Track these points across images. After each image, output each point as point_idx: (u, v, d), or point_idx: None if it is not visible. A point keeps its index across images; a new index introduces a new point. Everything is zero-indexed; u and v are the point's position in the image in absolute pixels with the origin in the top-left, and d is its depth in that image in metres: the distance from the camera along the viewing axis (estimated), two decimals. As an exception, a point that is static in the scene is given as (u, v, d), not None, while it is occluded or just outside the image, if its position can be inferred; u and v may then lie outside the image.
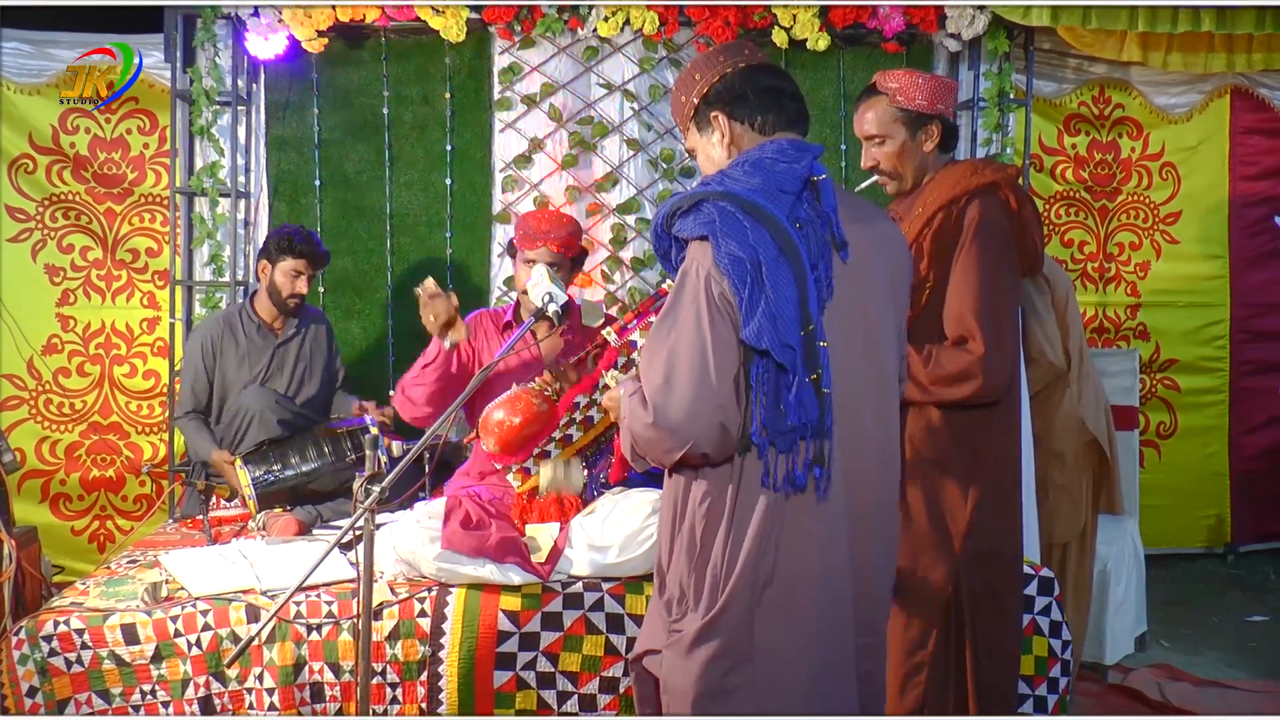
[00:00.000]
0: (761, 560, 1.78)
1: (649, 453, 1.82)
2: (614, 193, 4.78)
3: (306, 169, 4.55)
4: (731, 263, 1.73)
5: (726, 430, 1.74)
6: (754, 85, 1.92)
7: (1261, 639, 4.23)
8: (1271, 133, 5.14)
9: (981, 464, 2.41)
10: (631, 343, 2.91)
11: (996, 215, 2.39)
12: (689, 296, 1.76)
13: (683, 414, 1.72)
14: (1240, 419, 5.16)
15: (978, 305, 2.32)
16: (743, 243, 1.73)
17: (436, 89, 4.62)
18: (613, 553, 2.86)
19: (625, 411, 1.84)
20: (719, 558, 1.80)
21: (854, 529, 1.84)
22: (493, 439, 2.86)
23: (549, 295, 2.86)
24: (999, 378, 2.33)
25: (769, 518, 1.78)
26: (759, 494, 1.78)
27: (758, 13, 4.58)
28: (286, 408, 3.60)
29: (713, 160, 1.97)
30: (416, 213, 4.66)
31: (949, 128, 2.49)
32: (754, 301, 1.72)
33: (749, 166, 1.84)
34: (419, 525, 2.88)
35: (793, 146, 1.87)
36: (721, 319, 1.74)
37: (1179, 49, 4.65)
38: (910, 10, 4.56)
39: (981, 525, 2.40)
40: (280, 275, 3.76)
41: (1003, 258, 2.38)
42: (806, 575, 1.80)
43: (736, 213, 1.76)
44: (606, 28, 4.55)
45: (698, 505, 1.83)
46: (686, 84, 1.98)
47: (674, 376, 1.74)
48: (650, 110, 4.73)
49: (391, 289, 4.63)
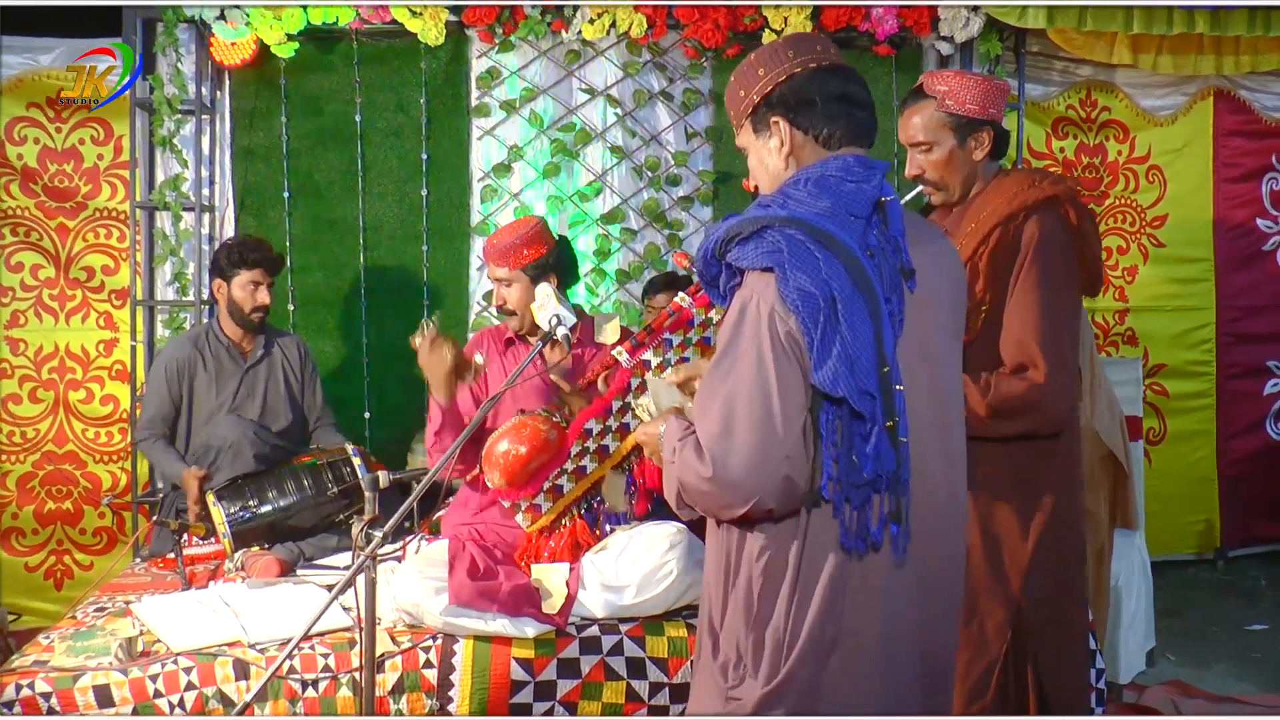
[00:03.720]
0: (828, 623, 1.62)
1: (704, 506, 1.65)
2: (597, 202, 4.61)
3: (275, 180, 4.32)
4: (802, 298, 1.55)
5: (794, 483, 1.57)
6: (824, 91, 1.72)
7: (1265, 649, 4.18)
8: (1252, 134, 5.10)
9: (1041, 498, 2.26)
10: (645, 362, 2.74)
11: (1057, 232, 2.24)
12: (749, 334, 1.58)
13: (745, 467, 1.55)
14: (1227, 423, 5.12)
15: (1040, 331, 2.17)
16: (814, 276, 1.56)
17: (411, 95, 4.41)
18: (630, 593, 2.69)
19: (674, 459, 1.67)
20: (781, 620, 1.63)
21: (922, 584, 1.69)
22: (498, 472, 2.67)
23: (556, 318, 2.65)
24: (1062, 408, 2.19)
25: (837, 577, 1.62)
26: (828, 552, 1.61)
27: (748, 15, 4.44)
28: (264, 439, 3.39)
29: (766, 168, 1.78)
30: (391, 225, 4.45)
31: (1000, 134, 2.33)
32: (828, 342, 1.54)
33: (814, 186, 1.65)
34: (421, 575, 2.67)
35: (860, 164, 1.69)
36: (788, 360, 1.56)
37: (1169, 51, 4.59)
38: (903, 13, 4.45)
39: (1042, 564, 2.26)
40: (239, 290, 3.57)
41: (1064, 278, 2.23)
42: (874, 637, 1.64)
43: (806, 241, 1.58)
44: (592, 30, 4.38)
45: (754, 561, 1.66)
46: (747, 78, 1.76)
47: (734, 424, 1.56)
48: (635, 116, 4.57)
49: (365, 305, 4.41)
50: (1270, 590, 4.86)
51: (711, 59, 4.58)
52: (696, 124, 4.64)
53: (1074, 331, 2.26)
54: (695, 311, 2.73)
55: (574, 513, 2.82)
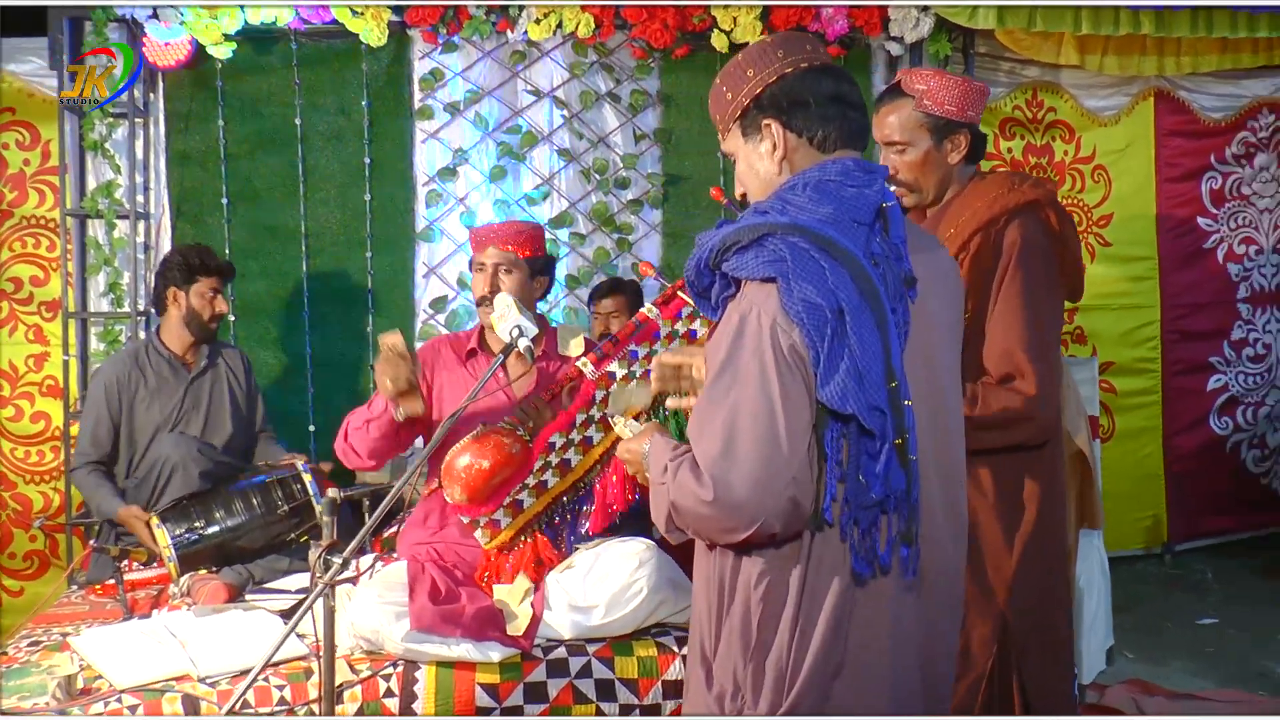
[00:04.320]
0: (833, 650, 1.55)
1: (701, 531, 1.57)
2: (545, 206, 4.52)
3: (212, 185, 4.17)
4: (807, 310, 1.47)
5: (799, 505, 1.49)
6: (817, 92, 1.64)
7: (1216, 644, 4.23)
8: (1192, 135, 5.17)
9: (1026, 508, 2.22)
10: (610, 375, 2.66)
11: (1039, 237, 2.20)
12: (750, 349, 1.50)
13: (748, 489, 1.47)
14: (1172, 419, 5.19)
15: (1026, 340, 2.12)
16: (820, 286, 1.48)
17: (352, 97, 4.28)
18: (598, 613, 2.61)
19: (665, 479, 1.58)
20: (784, 649, 1.56)
21: (924, 604, 1.63)
22: (459, 487, 2.56)
23: (518, 329, 2.53)
24: (1050, 419, 2.16)
25: (843, 603, 1.55)
26: (833, 576, 1.54)
27: (697, 15, 4.38)
28: (210, 456, 3.24)
29: (756, 173, 1.70)
30: (334, 231, 4.32)
31: (978, 137, 2.29)
32: (835, 356, 1.47)
33: (813, 191, 1.58)
34: (380, 600, 2.55)
35: (859, 168, 1.62)
36: (792, 376, 1.48)
37: (1114, 51, 4.65)
38: (854, 13, 4.42)
39: (1027, 574, 2.22)
40: (197, 299, 3.45)
41: (1048, 285, 2.19)
42: (881, 655, 1.58)
43: (811, 250, 1.50)
44: (538, 30, 4.28)
45: (751, 588, 1.58)
46: (735, 79, 1.68)
47: (736, 444, 1.48)
48: (581, 118, 4.49)
49: (308, 314, 4.28)
50: (1217, 584, 4.92)
51: (659, 60, 4.52)
52: (645, 125, 4.57)
53: (1058, 339, 2.23)
54: (661, 323, 2.66)
55: (535, 528, 2.74)
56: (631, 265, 4.56)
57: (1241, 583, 4.89)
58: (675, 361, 1.87)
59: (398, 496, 2.26)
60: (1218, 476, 5.22)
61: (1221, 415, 5.22)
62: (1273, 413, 5.26)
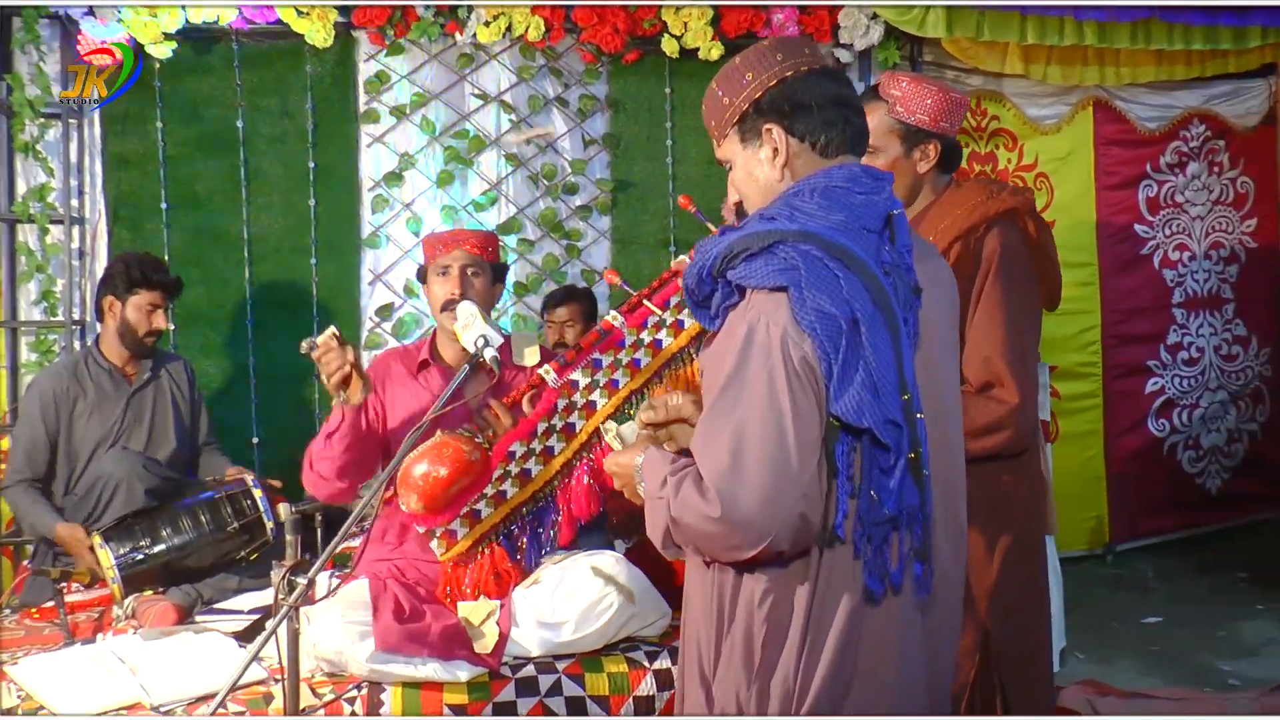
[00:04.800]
0: (843, 669, 1.51)
1: (704, 548, 1.52)
2: (492, 212, 4.45)
3: (151, 189, 4.03)
4: (821, 320, 1.43)
5: (808, 522, 1.45)
6: (819, 95, 1.60)
7: (1162, 642, 4.30)
8: (1129, 144, 5.28)
9: (1006, 518, 2.22)
10: (572, 383, 2.60)
11: (1018, 246, 2.20)
12: (759, 360, 1.45)
13: (757, 505, 1.42)
14: (1113, 422, 5.28)
15: (1006, 349, 2.12)
16: (835, 296, 1.44)
17: (296, 100, 4.17)
18: (568, 629, 2.54)
19: (663, 494, 1.53)
20: (791, 670, 1.51)
21: (928, 618, 1.61)
22: (415, 495, 2.46)
23: (483, 339, 2.43)
24: (1029, 427, 2.16)
25: (853, 621, 1.51)
26: (842, 595, 1.50)
27: (648, 19, 4.35)
28: (155, 473, 3.10)
29: (755, 180, 1.64)
30: (277, 237, 4.21)
31: (950, 148, 2.28)
32: (850, 368, 1.43)
33: (822, 198, 1.53)
34: (343, 620, 2.45)
35: (867, 174, 1.58)
36: (802, 388, 1.44)
37: (1057, 61, 4.72)
38: (804, 20, 4.43)
39: (1008, 584, 2.22)
40: (134, 311, 3.30)
41: (1026, 294, 2.20)
42: (891, 670, 1.55)
43: (825, 258, 1.46)
44: (487, 33, 4.22)
45: (754, 607, 1.53)
46: (732, 84, 1.63)
47: (744, 459, 1.43)
48: (530, 122, 4.44)
49: (252, 323, 4.16)
50: (1158, 582, 5.03)
51: (608, 64, 4.48)
52: (594, 131, 4.54)
53: (1036, 348, 2.23)
54: (626, 331, 2.60)
55: (492, 539, 2.66)
56: (581, 272, 4.52)
57: (1181, 581, 4.99)
58: (661, 420, 1.79)
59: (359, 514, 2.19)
60: (1156, 477, 5.33)
61: (1159, 418, 5.33)
62: (1206, 414, 5.39)
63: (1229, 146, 5.38)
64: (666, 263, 4.67)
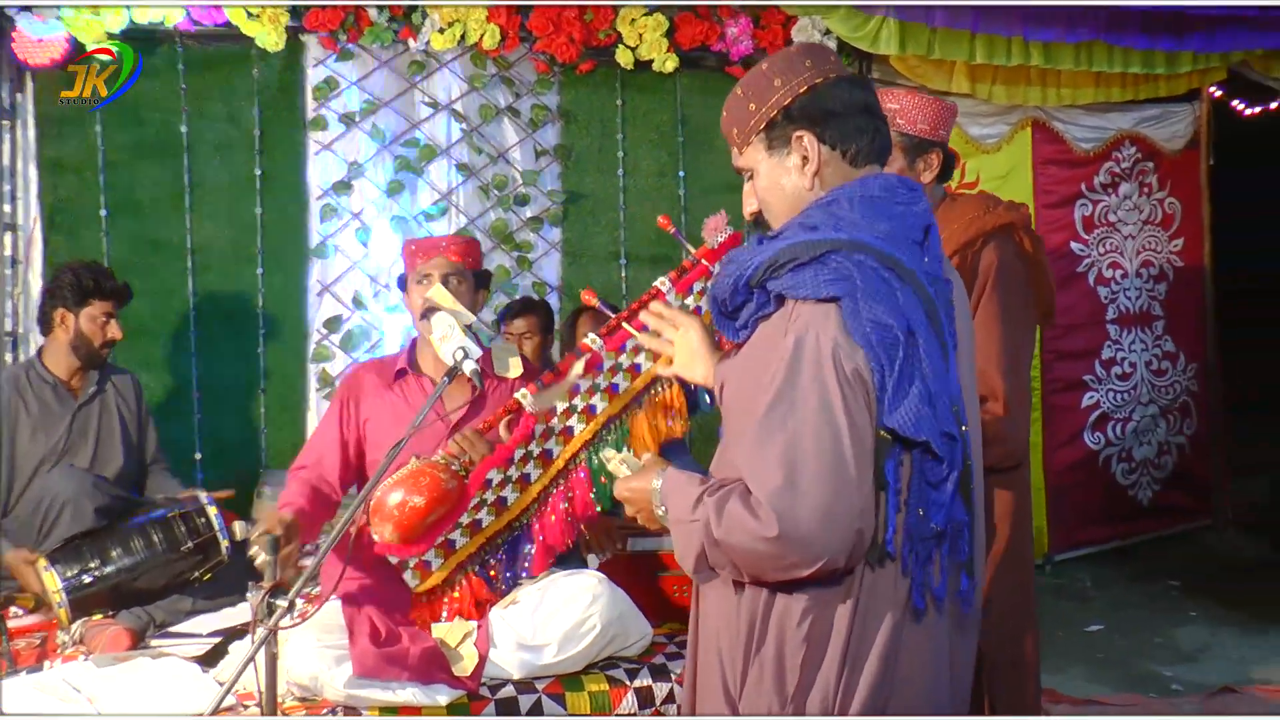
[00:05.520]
0: (882, 686, 1.49)
1: (754, 568, 1.47)
2: (442, 222, 4.38)
3: (89, 196, 3.89)
4: (877, 331, 1.41)
5: (864, 537, 1.42)
6: (850, 103, 1.57)
7: (1106, 649, 4.39)
8: (1065, 163, 5.41)
9: (998, 531, 2.24)
10: (550, 408, 2.53)
11: (1014, 260, 2.23)
12: (809, 372, 1.42)
13: (817, 522, 1.38)
14: (1051, 435, 5.39)
15: (1001, 362, 2.14)
16: (891, 307, 1.42)
17: (242, 105, 4.06)
18: (550, 650, 2.48)
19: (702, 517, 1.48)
20: (831, 689, 1.48)
21: (953, 634, 1.59)
22: (390, 526, 2.37)
23: (462, 350, 2.37)
24: (1023, 441, 2.18)
25: (894, 638, 1.48)
26: (886, 612, 1.48)
27: (603, 29, 4.32)
28: (104, 491, 2.95)
29: (782, 188, 1.60)
30: (222, 246, 4.09)
31: (948, 157, 2.29)
32: (905, 380, 1.41)
33: (862, 207, 1.50)
34: (318, 644, 2.36)
35: (902, 184, 1.56)
36: (855, 401, 1.41)
37: (1002, 81, 4.82)
38: (758, 34, 4.46)
39: (999, 590, 2.23)
40: (88, 323, 3.17)
41: (1022, 308, 2.22)
42: (922, 690, 1.53)
43: (879, 269, 1.44)
44: (442, 40, 4.15)
45: (792, 626, 1.49)
46: (759, 90, 1.59)
47: (799, 475, 1.39)
48: (481, 132, 4.38)
49: (195, 335, 4.02)
50: (1096, 591, 5.14)
51: (560, 74, 4.44)
52: (545, 141, 4.50)
53: (1030, 362, 2.25)
54: (605, 355, 2.55)
55: (468, 570, 2.59)
56: (532, 284, 4.47)
57: (1117, 590, 5.11)
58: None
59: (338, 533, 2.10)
60: (1092, 489, 5.45)
61: (1094, 431, 5.46)
62: (1139, 428, 5.54)
63: (1158, 169, 5.56)
64: (617, 275, 4.65)
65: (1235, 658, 4.25)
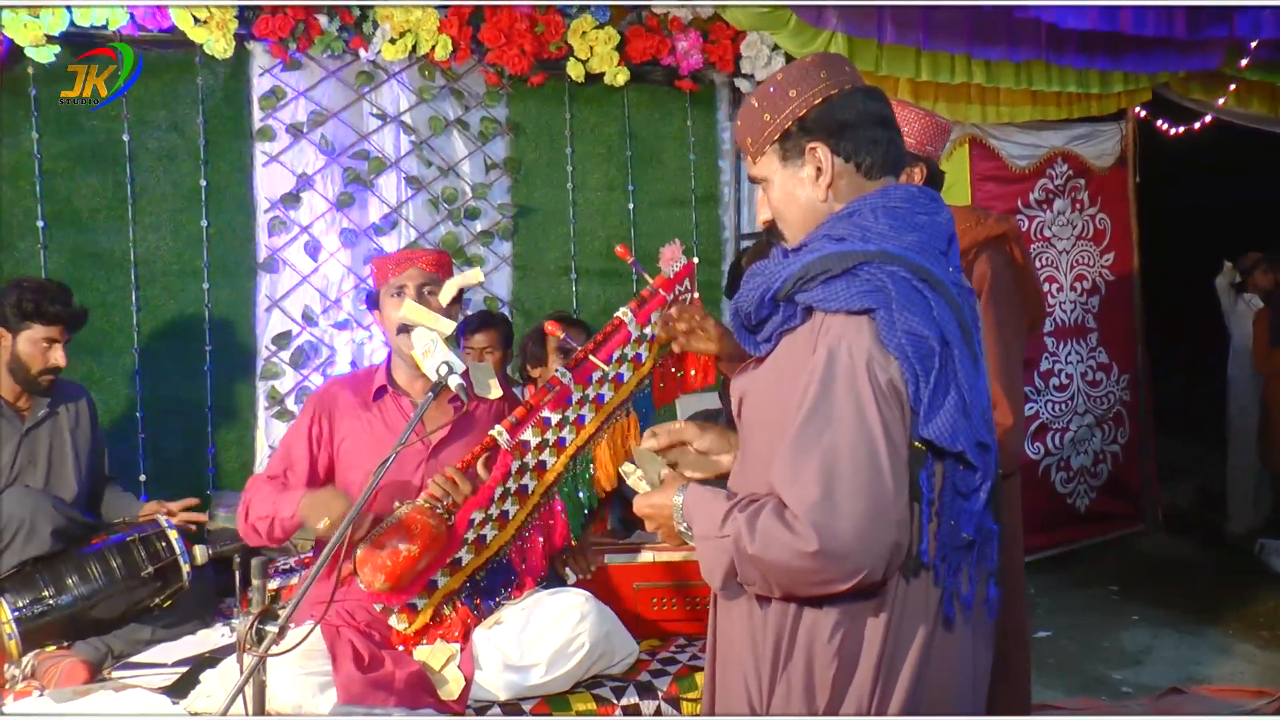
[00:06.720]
0: (915, 697, 1.48)
1: (790, 583, 1.44)
2: (392, 236, 4.29)
3: (26, 205, 3.71)
4: (911, 342, 1.40)
5: (901, 550, 1.41)
6: (864, 114, 1.55)
7: (1054, 655, 4.48)
8: (1002, 180, 5.54)
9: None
10: (524, 443, 2.49)
11: (1006, 271, 2.25)
12: (844, 385, 1.40)
13: (856, 535, 1.36)
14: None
15: (999, 371, 2.15)
16: (925, 317, 1.41)
17: (186, 113, 3.93)
18: (538, 671, 2.42)
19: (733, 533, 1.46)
20: (864, 703, 1.46)
21: (976, 641, 1.59)
22: (383, 575, 2.32)
23: (446, 365, 2.30)
24: (1019, 447, 2.20)
25: (926, 648, 1.48)
26: (919, 623, 1.47)
27: (554, 41, 4.29)
28: (62, 512, 2.80)
29: (796, 200, 1.59)
30: (166, 259, 3.94)
31: (934, 172, 2.31)
32: (941, 390, 1.40)
33: (888, 217, 1.49)
34: (301, 670, 2.26)
35: (923, 194, 1.55)
36: (891, 412, 1.40)
37: (944, 99, 4.91)
38: (707, 49, 4.48)
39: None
40: (26, 346, 2.97)
41: (1015, 318, 2.25)
42: (951, 697, 1.53)
43: (912, 280, 1.43)
44: (393, 50, 4.08)
45: (822, 642, 1.47)
46: (774, 100, 1.57)
47: (837, 488, 1.37)
48: (431, 144, 4.31)
49: (139, 350, 3.87)
50: (1040, 597, 5.23)
51: (510, 86, 4.40)
52: (495, 154, 4.45)
53: (1022, 370, 2.28)
54: (574, 388, 2.52)
55: (454, 601, 2.54)
56: (484, 299, 4.41)
57: (1060, 595, 5.22)
58: (665, 443, 1.77)
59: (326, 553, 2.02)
60: (1033, 498, 5.54)
61: (1034, 441, 5.57)
62: (1075, 437, 5.68)
63: (1088, 185, 5.73)
64: (568, 290, 4.61)
65: (1177, 659, 4.37)
